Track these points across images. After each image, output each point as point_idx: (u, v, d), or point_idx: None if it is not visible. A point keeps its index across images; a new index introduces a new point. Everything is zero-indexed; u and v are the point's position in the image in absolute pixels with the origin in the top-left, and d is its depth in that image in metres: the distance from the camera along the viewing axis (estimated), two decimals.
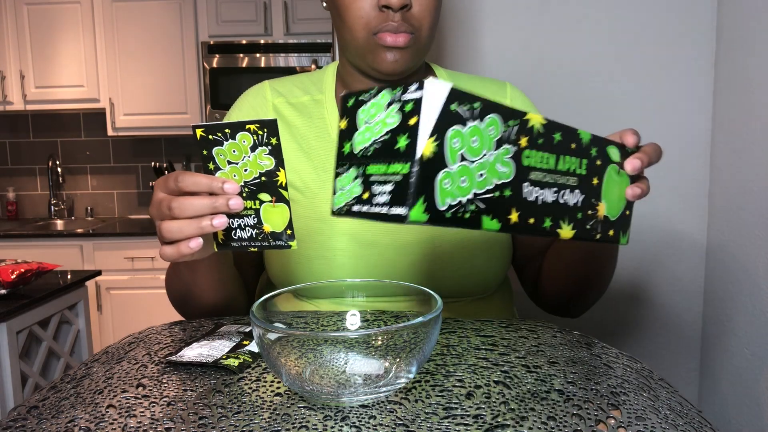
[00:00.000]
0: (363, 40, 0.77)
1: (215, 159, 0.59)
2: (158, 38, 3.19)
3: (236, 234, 0.61)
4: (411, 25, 0.75)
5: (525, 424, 0.47)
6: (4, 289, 1.74)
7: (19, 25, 3.19)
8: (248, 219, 0.60)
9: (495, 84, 0.92)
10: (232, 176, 0.59)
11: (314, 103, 0.87)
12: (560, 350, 0.63)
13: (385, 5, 0.74)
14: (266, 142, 0.57)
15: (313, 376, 0.53)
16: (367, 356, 0.54)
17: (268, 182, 0.58)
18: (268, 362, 0.52)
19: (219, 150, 0.58)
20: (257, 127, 0.56)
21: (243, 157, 0.58)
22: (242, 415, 0.50)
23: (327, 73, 0.90)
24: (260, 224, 0.60)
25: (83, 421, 0.49)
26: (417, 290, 0.61)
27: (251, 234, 0.60)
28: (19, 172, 3.63)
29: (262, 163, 0.57)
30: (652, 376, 0.57)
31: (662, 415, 0.49)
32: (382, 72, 0.79)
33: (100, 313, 3.11)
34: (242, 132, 0.57)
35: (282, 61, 3.14)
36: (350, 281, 0.69)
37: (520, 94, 0.91)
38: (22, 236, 3.08)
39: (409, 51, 0.77)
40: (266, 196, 0.59)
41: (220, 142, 0.58)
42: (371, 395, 0.51)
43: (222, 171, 0.59)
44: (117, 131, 3.26)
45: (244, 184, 0.59)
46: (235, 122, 0.57)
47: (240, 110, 0.88)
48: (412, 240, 0.80)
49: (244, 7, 3.14)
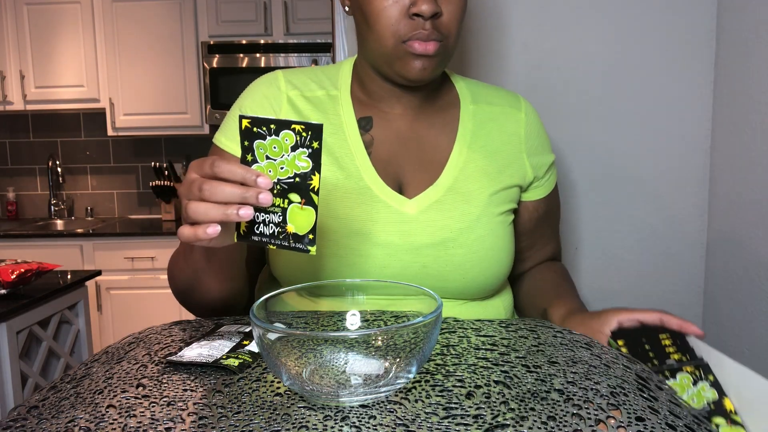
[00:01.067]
0: (391, 48, 0.76)
1: (254, 151, 0.59)
2: (158, 38, 3.19)
3: (259, 228, 0.61)
4: (440, 33, 0.75)
5: (525, 424, 0.47)
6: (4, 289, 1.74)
7: (19, 25, 3.19)
8: (274, 216, 0.60)
9: (509, 94, 0.93)
10: (267, 171, 0.59)
11: (329, 99, 0.86)
12: (560, 350, 0.63)
13: (417, 13, 0.74)
14: (308, 145, 0.57)
15: (313, 376, 0.53)
16: (367, 356, 0.54)
17: (301, 184, 0.58)
18: (268, 362, 0.52)
19: (260, 143, 0.59)
20: (302, 128, 0.57)
21: (282, 154, 0.58)
22: (242, 415, 0.50)
23: (343, 69, 0.89)
24: (284, 223, 0.60)
25: (83, 421, 0.49)
26: (417, 290, 0.61)
27: (273, 231, 0.61)
28: (19, 172, 3.63)
29: (299, 164, 0.58)
30: (651, 376, 0.57)
31: (662, 415, 0.49)
32: (408, 79, 0.79)
33: (100, 313, 3.11)
34: (286, 130, 0.57)
35: (282, 61, 3.14)
36: (350, 281, 0.69)
37: (531, 109, 0.93)
38: (22, 236, 3.08)
39: (437, 59, 0.77)
40: (296, 197, 0.59)
41: (263, 136, 0.58)
42: (371, 395, 0.51)
43: (258, 164, 0.59)
44: (117, 131, 3.26)
45: (277, 181, 0.59)
46: (282, 120, 0.57)
47: (252, 99, 0.86)
48: (427, 242, 0.80)
49: (244, 7, 3.14)
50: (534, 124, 0.92)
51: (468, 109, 0.89)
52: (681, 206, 1.29)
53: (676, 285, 1.32)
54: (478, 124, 0.88)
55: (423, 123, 0.87)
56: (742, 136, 1.15)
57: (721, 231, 1.24)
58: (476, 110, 0.89)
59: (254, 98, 0.86)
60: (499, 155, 0.87)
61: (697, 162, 1.28)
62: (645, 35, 1.26)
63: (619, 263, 1.32)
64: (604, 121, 1.28)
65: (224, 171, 0.58)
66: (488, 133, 0.88)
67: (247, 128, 0.59)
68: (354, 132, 0.84)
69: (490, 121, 0.89)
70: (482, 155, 0.86)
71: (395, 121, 0.86)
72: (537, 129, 0.92)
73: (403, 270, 0.80)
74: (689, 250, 1.30)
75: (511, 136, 0.89)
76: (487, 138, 0.87)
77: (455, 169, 0.84)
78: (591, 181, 1.30)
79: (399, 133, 0.86)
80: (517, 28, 1.27)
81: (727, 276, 1.22)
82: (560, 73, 1.27)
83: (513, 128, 0.89)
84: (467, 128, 0.87)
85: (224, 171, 0.58)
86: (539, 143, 0.91)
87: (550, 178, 0.94)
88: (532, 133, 0.91)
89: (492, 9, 1.27)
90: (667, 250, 1.31)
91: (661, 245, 1.31)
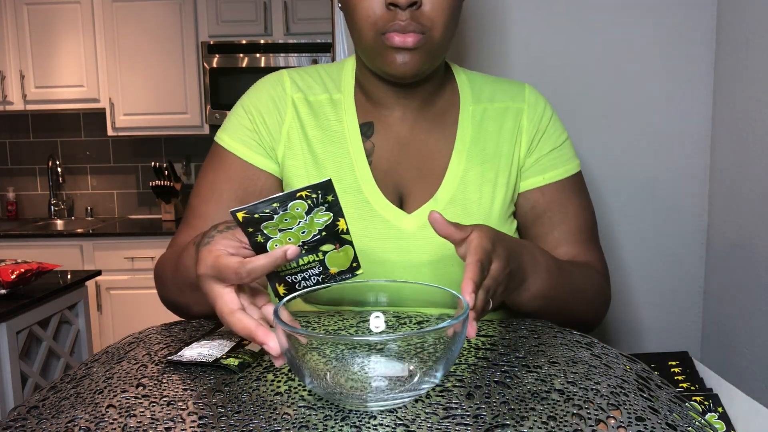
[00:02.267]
0: (371, 41, 0.74)
1: (263, 232, 0.54)
2: (158, 38, 3.19)
3: (300, 285, 0.59)
4: (421, 24, 0.71)
5: (525, 424, 0.47)
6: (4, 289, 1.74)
7: (19, 25, 3.19)
8: (312, 270, 0.57)
9: (513, 86, 0.89)
10: (286, 240, 0.54)
11: (331, 104, 0.84)
12: (560, 350, 0.63)
13: (393, 3, 0.70)
14: (322, 202, 0.53)
15: (337, 379, 0.52)
16: (391, 360, 0.53)
17: (329, 234, 0.55)
18: (291, 365, 0.50)
19: (268, 224, 0.54)
20: (309, 192, 0.52)
21: (298, 221, 0.54)
22: (242, 415, 0.50)
23: (345, 70, 0.86)
24: (326, 270, 0.57)
25: (83, 421, 0.49)
26: (443, 293, 0.57)
27: (317, 280, 0.58)
28: (19, 172, 3.63)
29: (319, 221, 0.54)
30: (651, 376, 0.57)
31: (662, 415, 0.49)
32: (392, 75, 0.76)
33: (100, 313, 3.11)
34: (294, 201, 0.52)
35: (282, 61, 3.14)
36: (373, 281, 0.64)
37: (536, 96, 0.88)
38: (22, 236, 3.08)
39: (419, 52, 0.73)
40: (329, 246, 0.56)
41: (269, 217, 0.53)
42: (396, 400, 0.50)
43: (273, 239, 0.55)
44: (117, 131, 3.26)
45: (302, 244, 0.55)
46: (286, 194, 0.52)
47: (258, 98, 0.84)
48: (425, 260, 0.79)
49: (244, 7, 3.14)
50: (537, 109, 0.86)
51: (467, 111, 0.85)
52: (681, 206, 1.29)
53: (676, 285, 1.32)
54: (477, 125, 0.85)
55: (422, 128, 0.84)
56: (742, 136, 1.15)
57: (721, 231, 1.24)
58: (476, 110, 0.85)
59: (260, 97, 0.84)
60: (499, 157, 0.84)
61: (697, 162, 1.28)
62: (645, 35, 1.25)
63: (619, 263, 1.32)
64: (604, 121, 1.28)
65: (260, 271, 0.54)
66: (488, 134, 0.84)
67: (247, 219, 0.53)
68: (356, 139, 0.82)
69: (491, 120, 0.85)
70: (481, 160, 0.83)
71: (395, 126, 0.84)
72: (540, 113, 0.86)
73: None
74: (689, 250, 1.30)
75: (511, 132, 0.85)
76: (486, 141, 0.84)
77: (455, 180, 0.81)
78: (591, 181, 1.30)
79: (399, 139, 0.83)
80: (518, 28, 1.27)
81: (727, 276, 1.22)
82: (560, 73, 1.27)
83: (513, 124, 0.85)
84: (466, 132, 0.84)
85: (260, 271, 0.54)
86: (541, 127, 0.86)
87: (555, 165, 0.85)
88: (534, 118, 0.86)
89: (493, 9, 1.27)
90: (667, 250, 1.31)
91: (661, 245, 1.31)
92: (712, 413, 0.66)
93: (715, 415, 0.66)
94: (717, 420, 0.66)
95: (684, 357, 0.76)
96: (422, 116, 0.85)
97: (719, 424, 0.66)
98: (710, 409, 0.67)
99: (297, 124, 0.83)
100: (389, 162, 0.83)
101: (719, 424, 0.66)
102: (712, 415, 0.66)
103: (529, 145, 0.85)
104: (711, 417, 0.66)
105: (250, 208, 0.52)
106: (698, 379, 0.70)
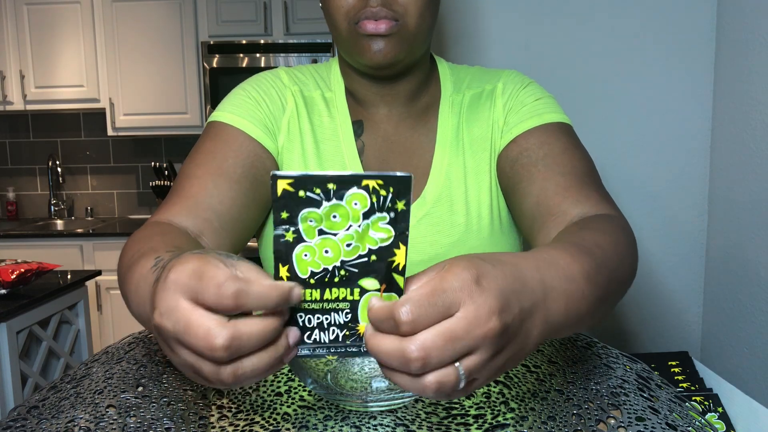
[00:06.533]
0: (346, 32, 0.73)
1: (299, 225, 0.38)
2: (158, 38, 3.19)
3: (313, 335, 0.40)
4: (393, 11, 0.71)
5: (525, 424, 0.47)
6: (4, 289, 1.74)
7: (19, 25, 3.19)
8: (338, 315, 0.40)
9: (496, 72, 0.86)
10: (322, 252, 0.39)
11: (324, 101, 0.84)
12: (560, 350, 0.63)
13: None
14: (389, 208, 0.38)
15: (337, 380, 0.52)
16: None
17: (379, 263, 0.39)
18: (291, 365, 0.50)
19: (310, 213, 0.38)
20: (379, 185, 0.38)
21: (349, 225, 0.38)
22: (242, 415, 0.50)
23: (332, 70, 0.86)
24: (355, 322, 0.40)
25: (83, 421, 0.49)
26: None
27: (337, 335, 0.40)
28: (19, 172, 3.63)
29: (375, 236, 0.39)
30: (651, 376, 0.57)
31: (662, 415, 0.49)
32: (368, 65, 0.75)
33: (100, 313, 3.11)
34: (355, 189, 0.38)
35: (282, 61, 3.14)
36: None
37: (516, 74, 0.84)
38: (22, 236, 3.08)
39: (394, 39, 0.72)
40: (372, 283, 0.40)
41: (316, 203, 0.38)
42: (396, 400, 0.50)
43: (308, 244, 0.39)
44: (117, 131, 3.26)
45: (341, 264, 0.39)
46: (348, 175, 0.37)
47: (258, 84, 0.81)
48: (416, 260, 0.78)
49: (244, 7, 3.14)
50: (514, 80, 0.82)
51: (447, 103, 0.83)
52: (681, 206, 1.29)
53: (676, 285, 1.32)
54: (456, 115, 0.83)
55: (407, 125, 0.83)
56: (742, 136, 1.15)
57: (721, 231, 1.24)
58: (455, 101, 0.83)
59: (260, 84, 0.82)
60: (479, 142, 0.81)
61: (697, 162, 1.28)
62: (645, 35, 1.25)
63: None
64: (604, 121, 1.28)
65: (253, 301, 0.37)
66: (466, 122, 0.82)
67: (288, 193, 0.37)
68: (349, 138, 0.81)
69: (469, 107, 0.83)
70: (462, 151, 0.81)
71: (382, 124, 0.83)
72: (518, 83, 0.81)
73: None
74: (689, 250, 1.30)
75: (488, 111, 0.81)
76: (465, 129, 0.81)
77: (440, 176, 0.80)
78: None
79: (386, 137, 0.83)
80: (517, 29, 1.27)
81: (727, 276, 1.22)
82: (560, 73, 1.27)
83: (489, 102, 0.82)
84: (447, 125, 0.83)
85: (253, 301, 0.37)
86: (515, 91, 0.80)
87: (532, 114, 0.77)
88: (508, 88, 0.81)
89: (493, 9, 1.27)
90: (667, 250, 1.31)
91: (661, 245, 1.31)
92: (712, 413, 0.66)
93: (715, 415, 0.66)
94: (717, 420, 0.66)
95: (684, 357, 0.76)
96: (407, 113, 0.84)
97: (719, 424, 0.66)
98: (710, 409, 0.66)
99: (296, 117, 0.82)
100: (378, 161, 0.82)
101: (719, 424, 0.66)
102: (712, 415, 0.66)
103: (505, 114, 0.80)
104: (711, 417, 0.66)
105: (299, 177, 0.37)
106: (698, 379, 0.70)
